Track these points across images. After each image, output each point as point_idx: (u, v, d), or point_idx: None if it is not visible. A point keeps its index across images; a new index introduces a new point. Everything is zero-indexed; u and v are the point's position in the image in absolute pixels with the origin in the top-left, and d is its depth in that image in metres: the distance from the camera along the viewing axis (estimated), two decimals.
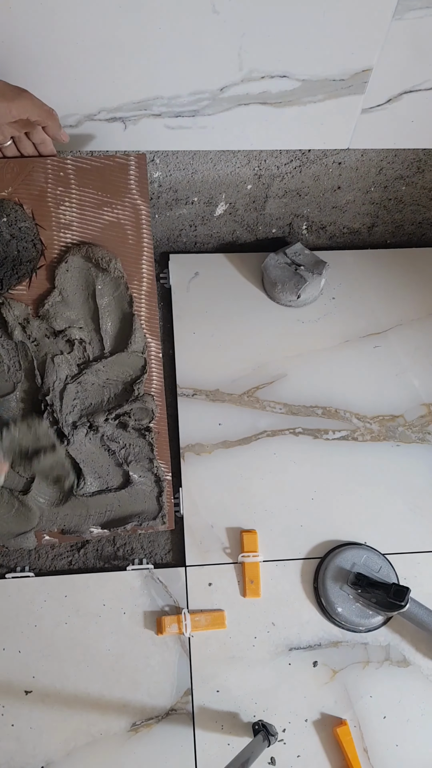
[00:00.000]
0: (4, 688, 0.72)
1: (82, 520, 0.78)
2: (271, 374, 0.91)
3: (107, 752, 0.69)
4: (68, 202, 0.74)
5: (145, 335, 0.78)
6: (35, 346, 0.76)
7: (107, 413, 0.77)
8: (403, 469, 0.85)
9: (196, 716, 0.71)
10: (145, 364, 0.78)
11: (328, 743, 0.71)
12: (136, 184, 0.75)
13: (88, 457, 0.78)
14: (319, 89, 0.72)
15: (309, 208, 0.96)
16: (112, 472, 0.79)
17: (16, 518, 0.77)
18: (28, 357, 0.76)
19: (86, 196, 0.74)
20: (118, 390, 0.78)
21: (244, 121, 0.76)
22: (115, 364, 0.77)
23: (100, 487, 0.78)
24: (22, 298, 0.76)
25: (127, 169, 0.74)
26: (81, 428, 0.77)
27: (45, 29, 0.63)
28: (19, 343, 0.76)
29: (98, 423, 0.77)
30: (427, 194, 0.96)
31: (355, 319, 0.96)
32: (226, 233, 1.00)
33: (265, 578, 0.78)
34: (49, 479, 0.76)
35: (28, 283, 0.75)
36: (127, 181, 0.75)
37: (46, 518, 0.78)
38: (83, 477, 0.77)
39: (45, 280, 0.76)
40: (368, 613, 0.74)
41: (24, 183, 0.72)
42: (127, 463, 0.78)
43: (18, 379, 0.77)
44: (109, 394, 0.78)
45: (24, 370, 0.77)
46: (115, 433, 0.78)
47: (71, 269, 0.75)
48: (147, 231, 0.76)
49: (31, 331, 0.75)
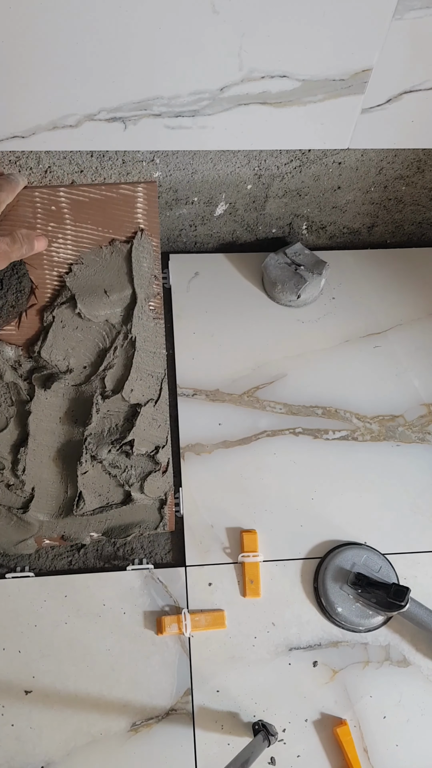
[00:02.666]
0: (4, 688, 0.72)
1: (82, 528, 0.78)
2: (271, 374, 0.91)
3: (107, 752, 0.69)
4: (62, 239, 0.65)
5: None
6: (27, 384, 0.71)
7: (111, 446, 0.74)
8: (403, 469, 0.85)
9: (196, 716, 0.71)
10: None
11: (328, 743, 0.71)
12: (145, 218, 0.65)
13: (89, 481, 0.75)
14: (319, 89, 0.72)
15: (309, 208, 0.96)
16: (112, 491, 0.77)
17: (15, 529, 0.77)
18: (21, 395, 0.72)
19: (84, 233, 0.65)
20: (120, 421, 0.74)
21: (244, 121, 0.76)
22: (117, 399, 0.73)
23: (101, 504, 0.77)
24: (12, 339, 0.69)
25: (133, 201, 0.64)
26: (84, 462, 0.74)
27: (45, 29, 0.63)
28: (10, 383, 0.71)
29: (102, 456, 0.74)
30: (427, 194, 0.96)
31: (355, 319, 0.96)
32: (226, 233, 1.00)
33: (265, 578, 0.78)
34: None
35: (18, 323, 0.69)
36: (133, 215, 0.65)
37: (45, 528, 0.77)
38: (83, 498, 0.75)
39: (36, 320, 0.69)
40: (368, 613, 0.74)
41: (8, 219, 0.63)
42: (128, 485, 0.76)
43: (11, 415, 0.72)
44: (110, 425, 0.75)
45: (16, 406, 0.73)
46: (116, 459, 0.75)
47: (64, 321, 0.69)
48: (157, 268, 0.69)
49: (23, 372, 0.71)
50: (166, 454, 0.76)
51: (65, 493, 0.76)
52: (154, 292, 0.69)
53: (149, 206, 0.65)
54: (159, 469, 0.76)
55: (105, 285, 0.68)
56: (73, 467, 0.74)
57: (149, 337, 0.71)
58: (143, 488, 0.76)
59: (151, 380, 0.73)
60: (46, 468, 0.75)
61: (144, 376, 0.72)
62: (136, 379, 0.72)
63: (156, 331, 0.71)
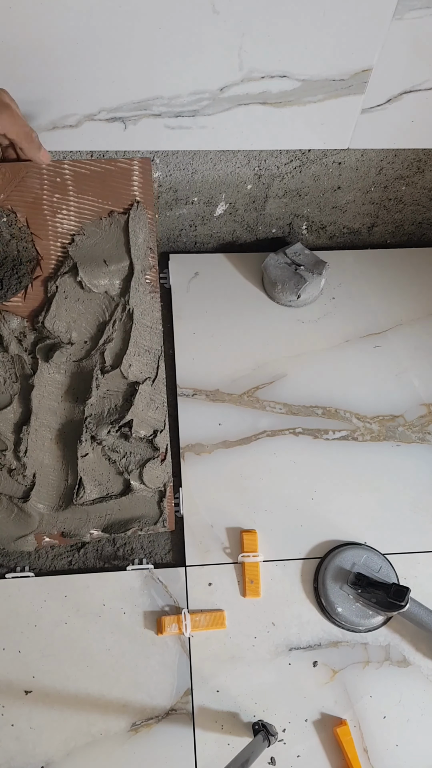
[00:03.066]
0: (4, 688, 0.72)
1: (82, 524, 0.78)
2: (271, 374, 0.91)
3: (107, 752, 0.69)
4: (66, 210, 0.70)
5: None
6: (31, 359, 0.73)
7: (110, 426, 0.75)
8: (403, 469, 0.85)
9: (196, 716, 0.71)
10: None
11: (328, 743, 0.71)
12: (140, 191, 0.71)
13: (89, 466, 0.76)
14: (319, 89, 0.72)
15: (309, 208, 0.96)
16: (112, 480, 0.78)
17: (15, 522, 0.77)
18: (25, 370, 0.74)
19: (85, 204, 0.70)
20: (119, 401, 0.76)
21: (244, 121, 0.76)
22: (116, 376, 0.75)
23: (101, 494, 0.78)
24: (18, 311, 0.72)
25: (130, 174, 0.70)
26: (84, 441, 0.75)
27: (45, 29, 0.63)
28: (15, 356, 0.73)
29: (101, 436, 0.75)
30: (427, 194, 0.96)
31: (355, 319, 0.96)
32: (226, 233, 1.00)
33: (265, 578, 0.78)
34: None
35: (24, 295, 0.72)
36: (130, 188, 0.71)
37: (45, 522, 0.77)
38: (83, 486, 0.76)
39: (41, 291, 0.72)
40: (368, 613, 0.74)
41: (17, 189, 0.68)
42: (128, 472, 0.77)
43: (15, 391, 0.74)
44: (109, 405, 0.76)
45: (20, 382, 0.74)
46: (116, 442, 0.76)
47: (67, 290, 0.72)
48: (152, 241, 0.73)
49: (27, 345, 0.73)
50: (164, 439, 0.77)
51: (65, 481, 0.77)
52: (150, 264, 0.74)
53: (144, 180, 0.70)
54: (158, 456, 0.77)
55: (105, 255, 0.72)
56: (74, 450, 0.75)
57: (146, 310, 0.75)
58: (142, 476, 0.77)
59: (149, 356, 0.75)
60: (47, 452, 0.76)
61: (141, 351, 0.74)
62: (134, 354, 0.74)
63: (152, 305, 0.75)
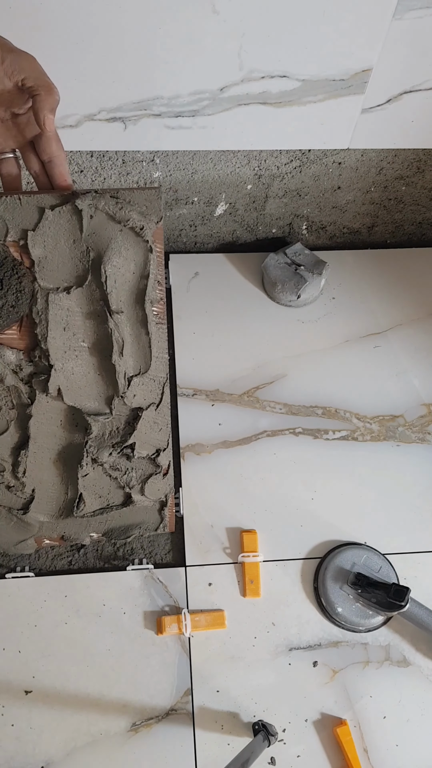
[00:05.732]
0: (4, 688, 0.72)
1: (82, 529, 0.78)
2: (271, 374, 0.91)
3: (107, 752, 0.69)
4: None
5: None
6: (28, 388, 0.71)
7: (111, 449, 0.73)
8: (403, 469, 0.85)
9: (196, 716, 0.71)
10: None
11: (328, 743, 0.71)
12: (149, 229, 0.62)
13: (90, 483, 0.75)
14: (319, 89, 0.72)
15: (309, 208, 0.96)
16: (113, 492, 0.77)
17: (15, 529, 0.76)
18: (21, 399, 0.71)
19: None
20: (121, 424, 0.73)
21: (244, 121, 0.76)
22: (119, 403, 0.72)
23: (101, 506, 0.77)
24: (13, 344, 0.68)
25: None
26: (85, 464, 0.73)
27: (45, 29, 0.63)
28: (11, 386, 0.70)
29: (103, 459, 0.73)
30: (427, 194, 0.96)
31: (355, 319, 0.96)
32: (226, 233, 1.00)
33: (265, 578, 0.78)
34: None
35: (19, 327, 0.68)
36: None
37: (45, 528, 0.77)
38: (83, 500, 0.75)
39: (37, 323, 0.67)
40: (368, 613, 0.74)
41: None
42: (129, 487, 0.76)
43: (12, 418, 0.72)
44: (111, 428, 0.74)
45: (17, 410, 0.72)
46: (117, 461, 0.75)
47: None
48: (160, 274, 0.65)
49: (24, 376, 0.70)
50: (167, 456, 0.76)
51: (65, 494, 0.76)
52: (158, 297, 0.70)
53: (153, 210, 0.61)
54: (160, 472, 0.76)
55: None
56: (74, 469, 0.74)
57: (152, 341, 0.71)
58: (144, 490, 0.76)
59: (153, 384, 0.73)
60: (46, 470, 0.75)
61: (146, 380, 0.72)
62: (139, 384, 0.72)
63: (159, 335, 0.72)
